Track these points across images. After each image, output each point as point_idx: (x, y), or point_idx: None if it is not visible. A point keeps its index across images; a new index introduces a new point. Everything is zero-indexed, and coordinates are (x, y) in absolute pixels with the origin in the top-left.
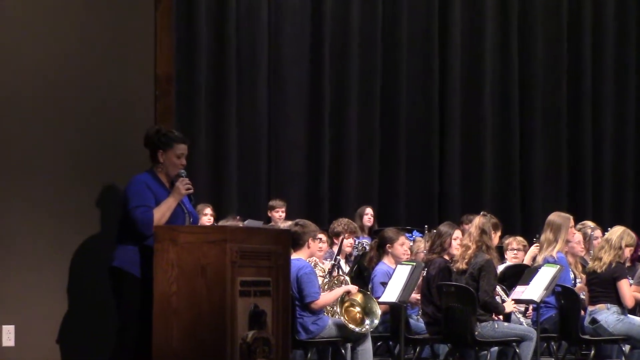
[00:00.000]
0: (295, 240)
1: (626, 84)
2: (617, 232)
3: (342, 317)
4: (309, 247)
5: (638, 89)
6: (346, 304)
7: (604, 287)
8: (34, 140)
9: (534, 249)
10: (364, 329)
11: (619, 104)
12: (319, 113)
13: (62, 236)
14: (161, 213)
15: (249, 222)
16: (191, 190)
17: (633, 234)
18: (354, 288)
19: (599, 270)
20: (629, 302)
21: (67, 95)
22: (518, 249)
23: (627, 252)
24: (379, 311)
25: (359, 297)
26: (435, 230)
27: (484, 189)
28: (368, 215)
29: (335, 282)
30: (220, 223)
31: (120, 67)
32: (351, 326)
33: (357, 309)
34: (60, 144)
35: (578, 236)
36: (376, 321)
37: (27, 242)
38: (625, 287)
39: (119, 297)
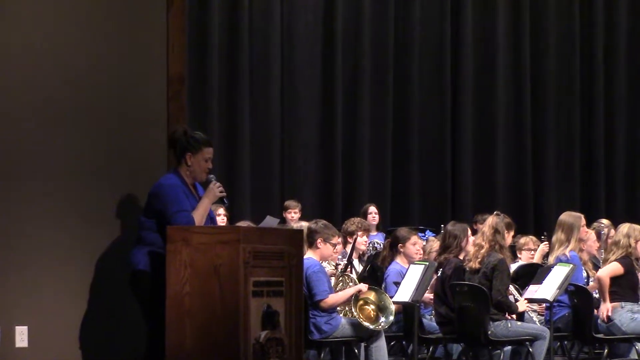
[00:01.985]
0: (307, 239)
1: (639, 82)
2: (622, 231)
3: (357, 316)
4: (317, 247)
5: None
6: (360, 303)
7: (617, 286)
8: (51, 143)
9: (543, 247)
10: (380, 326)
11: (631, 102)
12: (332, 113)
13: (77, 238)
14: (200, 216)
15: (267, 219)
16: (224, 194)
17: (638, 227)
18: (364, 287)
19: None
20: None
21: (81, 97)
22: (534, 249)
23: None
24: (392, 307)
25: (372, 295)
26: (443, 231)
27: (496, 189)
28: (372, 214)
29: (345, 281)
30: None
31: (132, 68)
32: (366, 324)
33: (371, 306)
34: (75, 146)
35: (593, 236)
36: (391, 317)
37: (42, 244)
38: (613, 267)
39: (145, 300)
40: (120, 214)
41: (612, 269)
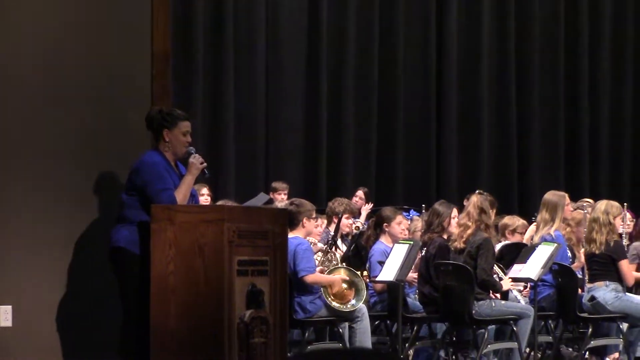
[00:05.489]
0: (291, 220)
1: (623, 64)
2: (600, 208)
3: (326, 296)
4: (304, 227)
5: (635, 69)
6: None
7: (603, 265)
8: (30, 122)
9: (533, 228)
10: (348, 307)
11: (615, 83)
12: (317, 93)
13: (61, 217)
14: (183, 194)
15: (260, 196)
16: (205, 165)
17: (615, 203)
18: (339, 283)
19: (597, 252)
20: (630, 281)
21: (63, 76)
22: (522, 233)
23: (619, 222)
24: (364, 291)
25: (342, 272)
26: (431, 210)
27: (481, 169)
28: (357, 197)
29: (328, 263)
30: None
31: (116, 46)
32: (336, 304)
33: (344, 285)
34: (57, 125)
35: (584, 222)
36: (362, 301)
37: (26, 223)
38: (626, 267)
39: (123, 277)
40: (104, 193)
41: (630, 268)
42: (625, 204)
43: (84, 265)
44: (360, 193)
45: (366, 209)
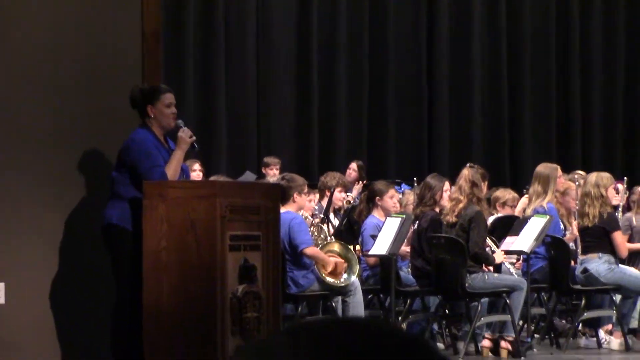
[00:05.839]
0: (282, 195)
1: (615, 35)
2: (591, 181)
3: (320, 271)
4: (295, 201)
5: (627, 39)
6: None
7: (596, 237)
8: (21, 102)
9: (524, 200)
10: (340, 282)
11: (607, 56)
12: (308, 67)
13: (54, 195)
14: (174, 169)
15: (247, 174)
16: (194, 138)
17: (606, 174)
18: (342, 262)
19: (590, 225)
20: (624, 253)
21: (52, 55)
22: (512, 206)
23: (611, 192)
24: (357, 265)
25: (336, 247)
26: (423, 183)
27: (473, 142)
28: (351, 170)
29: (319, 231)
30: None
31: (106, 24)
32: (329, 279)
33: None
34: (48, 105)
35: (573, 192)
36: (354, 276)
37: (19, 201)
38: (620, 238)
39: (116, 254)
40: (95, 171)
41: (624, 239)
42: (625, 178)
43: (76, 243)
44: (353, 165)
45: (357, 188)
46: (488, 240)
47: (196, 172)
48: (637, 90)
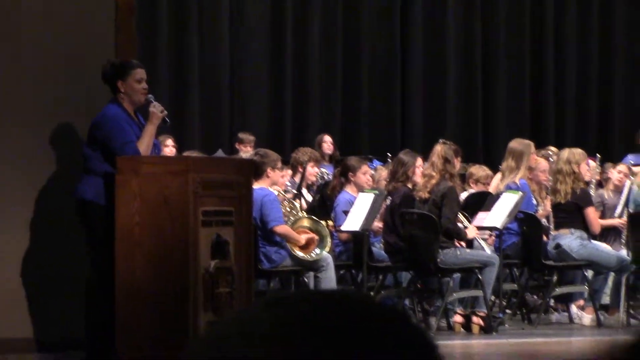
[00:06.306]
0: (255, 170)
1: (589, 15)
2: (562, 158)
3: (291, 246)
4: (268, 177)
5: (600, 17)
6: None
7: (568, 213)
8: None
9: (498, 176)
10: (312, 256)
11: (581, 32)
12: (281, 43)
13: (25, 171)
14: (146, 144)
15: (219, 153)
16: (166, 113)
17: (578, 149)
18: (314, 237)
19: (562, 201)
20: (596, 229)
21: (22, 28)
22: (485, 183)
23: (584, 168)
24: (328, 238)
25: (306, 222)
26: (395, 159)
27: (446, 118)
28: (327, 143)
29: (292, 207)
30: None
31: None
32: (300, 254)
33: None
34: (16, 78)
35: (544, 165)
36: (326, 249)
37: None
38: (592, 214)
39: (91, 229)
40: (66, 147)
41: (597, 215)
42: (598, 154)
43: (47, 219)
44: (328, 138)
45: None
46: (460, 216)
47: (169, 148)
48: (611, 68)
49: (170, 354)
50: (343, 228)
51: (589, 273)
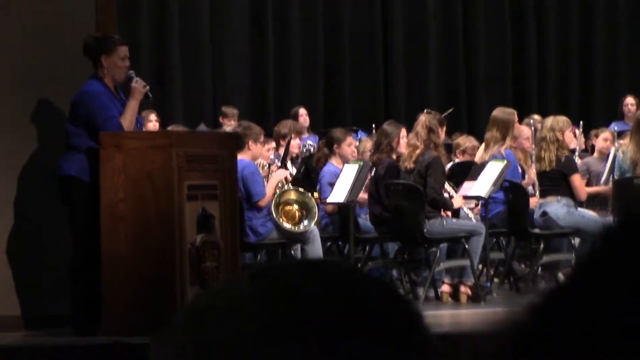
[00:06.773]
0: (238, 142)
1: None
2: (546, 125)
3: (278, 218)
4: (250, 149)
5: None
6: (281, 206)
7: (554, 180)
8: None
9: (483, 146)
10: (301, 228)
11: (562, 2)
12: (262, 16)
13: (6, 147)
14: (129, 120)
15: (200, 127)
16: (148, 87)
17: (563, 117)
18: (284, 173)
19: (547, 169)
20: (582, 196)
21: (3, 4)
22: (471, 154)
23: (569, 136)
24: (315, 209)
25: (292, 195)
26: (379, 130)
27: (429, 88)
28: (303, 116)
29: (277, 189)
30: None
31: None
32: (288, 226)
33: (295, 206)
34: None
35: (527, 132)
36: (314, 221)
37: None
38: (578, 181)
39: (75, 206)
40: (48, 123)
41: (582, 182)
42: (581, 122)
43: (30, 194)
44: (303, 111)
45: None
46: (446, 186)
47: (152, 123)
48: (592, 36)
49: (156, 329)
50: (329, 200)
51: (576, 241)
